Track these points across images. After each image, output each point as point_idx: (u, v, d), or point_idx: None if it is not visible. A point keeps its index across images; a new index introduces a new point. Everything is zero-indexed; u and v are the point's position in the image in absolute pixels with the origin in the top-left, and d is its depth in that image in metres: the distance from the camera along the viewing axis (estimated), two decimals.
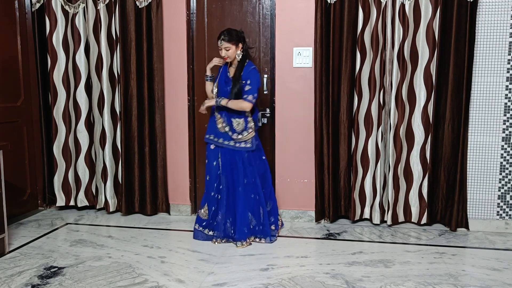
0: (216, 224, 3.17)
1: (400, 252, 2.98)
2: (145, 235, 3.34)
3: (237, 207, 3.09)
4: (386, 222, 3.46)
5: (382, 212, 3.48)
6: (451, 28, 3.22)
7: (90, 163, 3.91)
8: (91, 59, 3.75)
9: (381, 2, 3.27)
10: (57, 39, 3.72)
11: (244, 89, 3.04)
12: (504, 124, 3.31)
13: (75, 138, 3.88)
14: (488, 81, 3.29)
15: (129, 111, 3.70)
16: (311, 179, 3.56)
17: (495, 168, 3.36)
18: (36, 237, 3.30)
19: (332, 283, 2.51)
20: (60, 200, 3.91)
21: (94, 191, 3.92)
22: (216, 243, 3.14)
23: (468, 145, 3.35)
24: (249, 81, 3.04)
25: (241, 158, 3.10)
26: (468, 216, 3.39)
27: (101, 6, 3.61)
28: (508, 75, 3.27)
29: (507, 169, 3.35)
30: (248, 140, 3.10)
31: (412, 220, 3.47)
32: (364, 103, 3.39)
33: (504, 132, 3.32)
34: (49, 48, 3.72)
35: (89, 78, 3.79)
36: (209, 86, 3.27)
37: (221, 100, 3.07)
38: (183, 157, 3.77)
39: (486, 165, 3.36)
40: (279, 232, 3.34)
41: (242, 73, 3.07)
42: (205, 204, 3.25)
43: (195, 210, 3.84)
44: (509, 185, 3.36)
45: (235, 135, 3.09)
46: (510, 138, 3.32)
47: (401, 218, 3.48)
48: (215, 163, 3.16)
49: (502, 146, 3.34)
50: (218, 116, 3.14)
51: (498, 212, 3.39)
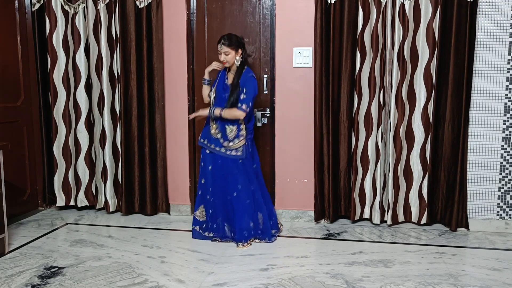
0: (216, 227, 3.18)
1: (400, 252, 2.98)
2: (145, 235, 3.34)
3: (235, 213, 3.08)
4: (386, 222, 3.46)
5: (382, 212, 3.48)
6: (451, 28, 3.22)
7: (90, 163, 3.91)
8: (91, 59, 3.75)
9: (381, 2, 3.27)
10: (57, 39, 3.72)
11: (240, 97, 3.02)
12: (504, 124, 3.31)
13: (75, 138, 3.88)
14: (488, 81, 3.29)
15: (129, 111, 3.70)
16: (311, 179, 3.56)
17: (495, 168, 3.36)
18: (36, 237, 3.30)
19: (332, 283, 2.51)
20: (60, 200, 3.91)
21: (94, 191, 3.92)
22: (217, 242, 3.16)
23: (468, 145, 3.35)
24: (245, 90, 3.02)
25: (235, 164, 3.08)
26: (468, 216, 3.39)
27: (101, 6, 3.61)
28: (508, 75, 3.27)
29: (507, 169, 3.35)
30: (239, 148, 3.07)
31: (412, 220, 3.47)
32: (364, 103, 3.39)
33: (504, 132, 3.32)
34: (49, 48, 3.72)
35: (89, 78, 3.79)
36: (206, 90, 3.25)
37: (215, 110, 3.04)
38: (183, 157, 3.77)
39: (486, 165, 3.36)
40: (280, 233, 3.35)
41: (240, 80, 3.05)
42: (201, 206, 3.25)
43: (195, 210, 3.83)
44: (509, 185, 3.36)
45: (226, 143, 3.06)
46: (510, 138, 3.32)
47: (401, 218, 3.48)
48: (211, 167, 3.14)
49: (502, 146, 3.34)
50: (213, 122, 3.12)
51: (498, 212, 3.39)
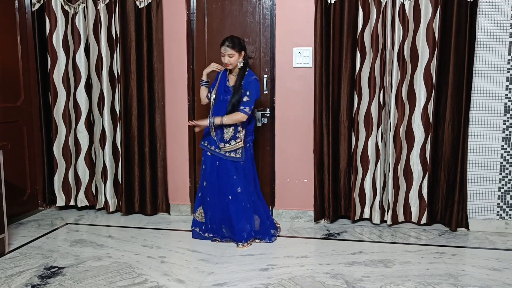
0: (215, 229, 3.18)
1: (400, 252, 2.98)
2: (145, 235, 3.34)
3: (233, 215, 3.07)
4: (386, 222, 3.46)
5: (382, 212, 3.48)
6: (451, 28, 3.22)
7: (90, 163, 3.91)
8: (91, 59, 3.75)
9: (381, 2, 3.27)
10: (57, 39, 3.72)
11: (243, 100, 3.01)
12: (504, 124, 3.31)
13: (75, 138, 3.88)
14: (488, 81, 3.29)
15: (129, 111, 3.70)
16: (311, 179, 3.56)
17: (495, 168, 3.36)
18: (36, 237, 3.30)
19: (332, 283, 2.51)
20: (60, 200, 3.91)
21: (94, 191, 3.92)
22: (217, 242, 3.16)
23: (468, 145, 3.35)
24: (248, 92, 3.01)
25: (235, 167, 3.08)
26: (468, 216, 3.39)
27: (101, 6, 3.61)
28: (508, 75, 3.27)
29: (507, 169, 3.35)
30: (238, 151, 3.07)
31: (412, 220, 3.47)
32: (364, 103, 3.39)
33: (504, 132, 3.32)
34: (49, 48, 3.72)
35: (89, 78, 3.79)
36: (204, 92, 3.24)
37: (215, 120, 3.02)
38: (183, 157, 3.77)
39: (486, 165, 3.36)
40: (279, 233, 3.35)
41: (243, 82, 3.04)
42: (200, 207, 3.26)
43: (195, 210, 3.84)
44: (509, 185, 3.36)
45: (222, 144, 3.06)
46: (510, 138, 3.32)
47: (401, 218, 3.48)
48: (211, 169, 3.13)
49: (502, 146, 3.34)
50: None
51: (498, 212, 3.39)
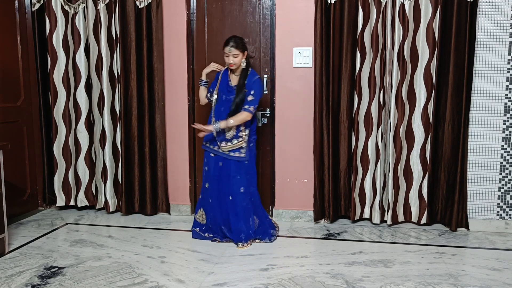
0: (216, 229, 3.19)
1: (400, 252, 2.98)
2: (145, 235, 3.34)
3: (233, 215, 3.08)
4: (386, 222, 3.46)
5: (382, 212, 3.48)
6: (451, 28, 3.22)
7: (90, 163, 3.91)
8: (91, 59, 3.75)
9: (381, 2, 3.27)
10: (57, 39, 3.72)
11: (247, 99, 3.01)
12: (504, 124, 3.31)
13: (75, 138, 3.88)
14: (488, 81, 3.29)
15: (129, 111, 3.70)
16: (311, 179, 3.55)
17: (495, 168, 3.36)
18: (36, 237, 3.30)
19: (332, 283, 2.51)
20: (60, 200, 3.91)
21: (94, 191, 3.92)
22: (217, 242, 3.16)
23: (468, 145, 3.35)
24: (253, 92, 3.02)
25: (238, 166, 3.08)
26: (468, 216, 3.39)
27: (101, 6, 3.61)
28: (508, 75, 3.27)
29: (507, 169, 3.35)
30: (242, 150, 3.07)
31: (412, 220, 3.47)
32: (364, 103, 3.39)
33: (504, 132, 3.32)
34: (49, 48, 3.72)
35: (89, 78, 3.79)
36: (203, 92, 3.23)
37: (220, 125, 3.00)
38: (183, 157, 3.77)
39: (486, 165, 3.36)
40: (278, 232, 3.35)
41: (246, 82, 3.04)
42: (200, 208, 3.27)
43: (195, 210, 3.83)
44: (509, 185, 3.36)
45: (224, 143, 3.05)
46: (510, 138, 3.32)
47: (401, 218, 3.48)
48: (214, 170, 3.13)
49: (502, 146, 3.34)
50: (215, 123, 3.08)
51: (498, 212, 3.39)
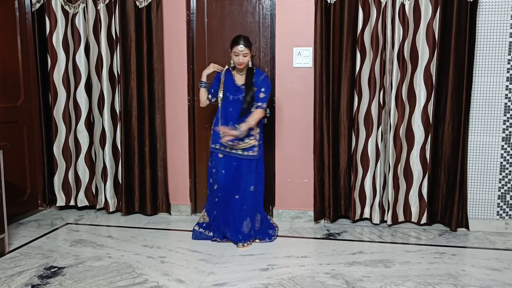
0: (217, 228, 3.18)
1: (400, 252, 2.98)
2: (145, 235, 3.34)
3: (239, 213, 3.08)
4: (386, 222, 3.46)
5: (382, 212, 3.48)
6: (451, 28, 3.22)
7: (90, 163, 3.90)
8: (91, 59, 3.74)
9: (381, 2, 3.27)
10: (57, 39, 3.72)
11: (258, 96, 3.03)
12: (504, 124, 3.31)
13: (75, 138, 3.88)
14: (488, 81, 3.29)
15: (129, 111, 3.70)
16: (311, 179, 3.55)
17: (495, 168, 3.36)
18: (36, 237, 3.30)
19: (332, 283, 2.51)
20: (60, 200, 3.91)
21: (94, 191, 3.92)
22: (217, 242, 3.15)
23: (468, 145, 3.35)
24: (264, 89, 3.04)
25: (250, 165, 3.08)
26: (468, 216, 3.39)
27: (101, 6, 3.61)
28: (508, 75, 3.27)
29: (507, 169, 3.35)
30: (255, 149, 3.08)
31: (412, 220, 3.47)
32: (364, 103, 3.39)
33: (504, 132, 3.32)
34: (49, 48, 3.72)
35: (89, 78, 3.79)
36: (204, 94, 3.21)
37: (242, 127, 2.97)
38: (183, 157, 3.76)
39: (486, 165, 3.36)
40: (278, 232, 3.35)
41: (254, 80, 3.05)
42: (204, 210, 3.29)
43: (195, 210, 3.84)
44: (509, 185, 3.36)
45: (236, 142, 3.03)
46: (510, 138, 3.32)
47: (401, 218, 3.48)
48: (224, 171, 3.11)
49: (502, 146, 3.34)
50: (224, 126, 3.05)
51: (498, 212, 3.39)
